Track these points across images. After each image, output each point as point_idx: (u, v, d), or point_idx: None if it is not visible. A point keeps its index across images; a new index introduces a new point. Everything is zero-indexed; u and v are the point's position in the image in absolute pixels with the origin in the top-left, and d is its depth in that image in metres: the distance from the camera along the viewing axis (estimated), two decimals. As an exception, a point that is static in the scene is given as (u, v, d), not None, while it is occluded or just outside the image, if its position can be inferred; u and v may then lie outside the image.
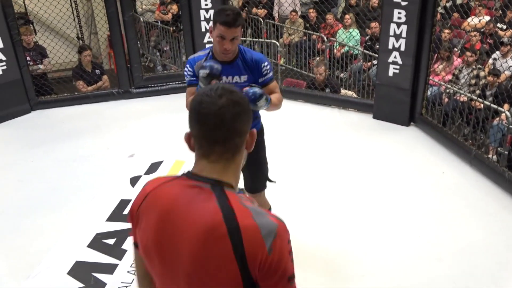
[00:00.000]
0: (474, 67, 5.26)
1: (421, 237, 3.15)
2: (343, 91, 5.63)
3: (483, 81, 5.11)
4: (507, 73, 5.15)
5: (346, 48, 6.65)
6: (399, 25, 4.48)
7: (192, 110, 1.13)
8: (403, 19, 4.43)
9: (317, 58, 6.57)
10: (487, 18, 6.45)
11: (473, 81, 5.20)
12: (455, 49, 6.19)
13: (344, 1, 7.90)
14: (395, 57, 4.61)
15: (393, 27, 4.52)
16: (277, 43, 6.87)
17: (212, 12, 5.12)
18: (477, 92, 5.03)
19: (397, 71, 4.65)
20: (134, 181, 3.90)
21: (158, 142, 4.50)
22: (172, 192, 1.14)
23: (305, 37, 7.04)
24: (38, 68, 5.56)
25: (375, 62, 5.79)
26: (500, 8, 6.60)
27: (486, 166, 3.88)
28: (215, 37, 2.29)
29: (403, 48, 4.53)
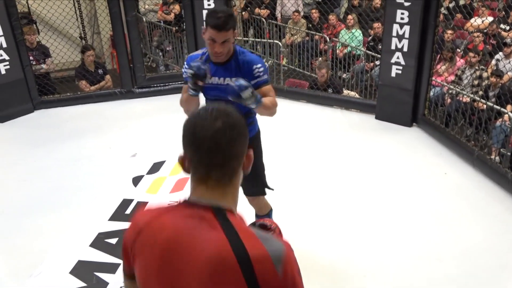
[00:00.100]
0: (477, 68, 5.25)
1: (423, 238, 3.14)
2: (345, 92, 5.63)
3: (486, 82, 5.10)
4: (510, 74, 5.13)
5: (349, 49, 6.64)
6: (402, 25, 4.47)
7: (187, 133, 1.09)
8: (406, 19, 4.42)
9: (320, 59, 6.57)
10: (490, 19, 6.43)
11: (476, 82, 5.18)
12: (458, 50, 6.19)
13: (347, 1, 7.89)
14: (397, 57, 4.60)
15: (396, 27, 4.51)
16: (279, 43, 6.88)
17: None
18: (480, 93, 5.02)
19: (399, 71, 4.64)
20: (136, 180, 3.91)
21: (160, 142, 4.51)
22: (172, 224, 1.08)
23: (307, 38, 7.03)
24: (41, 67, 5.57)
25: (377, 63, 5.78)
26: (503, 9, 6.57)
27: (489, 167, 3.87)
28: (206, 40, 2.25)
29: (405, 49, 4.52)
